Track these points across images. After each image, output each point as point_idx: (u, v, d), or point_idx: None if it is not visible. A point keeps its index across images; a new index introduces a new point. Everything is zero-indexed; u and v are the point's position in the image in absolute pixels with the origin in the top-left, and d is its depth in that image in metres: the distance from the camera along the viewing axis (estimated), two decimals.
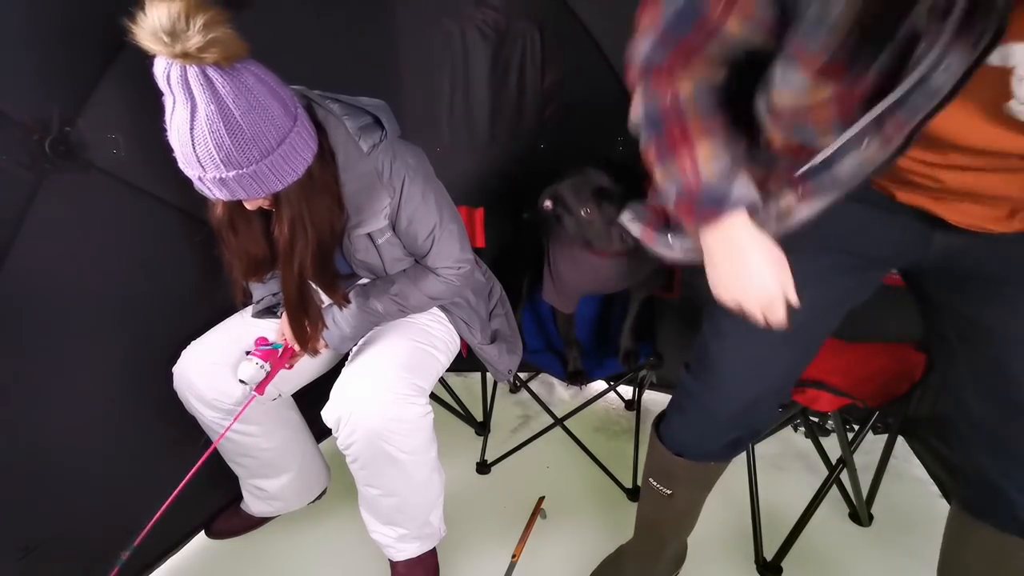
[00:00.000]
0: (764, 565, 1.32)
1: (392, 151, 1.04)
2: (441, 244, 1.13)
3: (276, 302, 1.22)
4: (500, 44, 1.62)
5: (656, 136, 0.68)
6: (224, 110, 0.79)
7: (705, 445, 0.95)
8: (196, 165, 0.83)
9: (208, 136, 0.80)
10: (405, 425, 1.07)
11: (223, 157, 0.81)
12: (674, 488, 1.00)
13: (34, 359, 1.02)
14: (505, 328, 1.39)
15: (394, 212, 1.07)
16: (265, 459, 1.29)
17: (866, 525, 1.45)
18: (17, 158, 0.94)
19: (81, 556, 1.14)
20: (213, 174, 0.83)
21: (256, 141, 0.83)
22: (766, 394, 0.90)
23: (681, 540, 1.20)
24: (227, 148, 0.81)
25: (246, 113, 0.81)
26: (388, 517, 1.17)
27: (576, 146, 1.74)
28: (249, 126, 0.81)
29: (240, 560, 1.36)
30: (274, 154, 0.85)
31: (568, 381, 1.50)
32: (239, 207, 0.98)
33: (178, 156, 0.84)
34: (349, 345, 1.18)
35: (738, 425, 0.93)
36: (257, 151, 0.83)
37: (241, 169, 0.83)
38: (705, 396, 0.91)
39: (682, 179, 0.67)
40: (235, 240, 1.04)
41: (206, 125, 0.79)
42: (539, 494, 1.48)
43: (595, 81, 1.64)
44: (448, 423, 1.78)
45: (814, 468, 1.63)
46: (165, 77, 0.78)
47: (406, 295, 1.16)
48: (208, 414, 1.18)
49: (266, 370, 1.12)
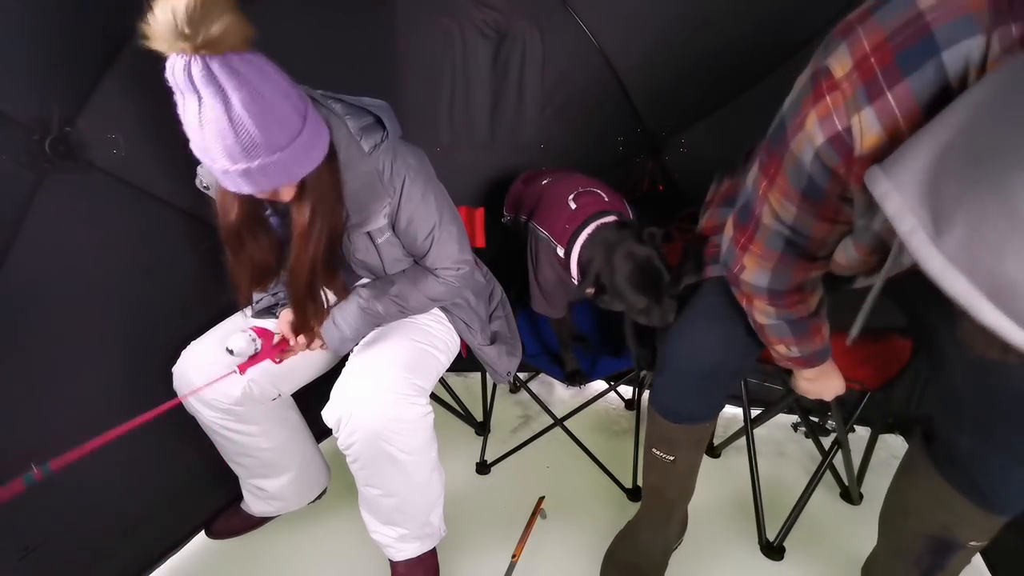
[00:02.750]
0: (767, 546, 1.37)
1: (393, 151, 1.04)
2: (440, 245, 1.13)
3: (276, 302, 1.22)
4: (500, 44, 1.62)
5: (801, 333, 0.92)
6: (255, 95, 0.78)
7: (689, 406, 1.08)
8: (240, 155, 0.80)
9: (248, 122, 0.78)
10: (405, 425, 1.07)
11: (264, 140, 0.80)
12: (675, 453, 1.13)
13: (34, 359, 1.02)
14: (505, 330, 1.39)
15: (394, 212, 1.08)
16: (265, 459, 1.29)
17: (857, 504, 1.53)
18: (17, 158, 0.94)
19: (81, 556, 1.14)
20: (257, 162, 0.81)
21: (286, 123, 0.83)
22: (730, 359, 1.04)
23: (684, 505, 1.30)
24: (266, 131, 0.80)
25: (274, 96, 0.80)
26: (388, 517, 1.17)
27: (576, 146, 1.75)
28: (279, 108, 0.81)
29: (240, 560, 1.36)
30: (301, 135, 0.85)
31: (567, 382, 1.50)
32: (253, 214, 0.98)
33: (210, 152, 0.81)
34: (349, 346, 1.18)
35: (711, 382, 1.06)
36: (287, 133, 0.83)
37: (278, 153, 0.82)
38: (679, 357, 1.05)
39: (811, 349, 0.96)
40: (243, 250, 1.02)
41: (244, 113, 0.77)
42: (539, 494, 1.48)
43: (595, 81, 1.64)
44: (448, 423, 1.78)
45: (808, 452, 1.73)
46: (186, 75, 0.74)
47: (406, 296, 1.16)
48: (207, 414, 1.18)
49: (256, 347, 1.07)
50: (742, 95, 1.52)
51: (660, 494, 1.24)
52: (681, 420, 1.09)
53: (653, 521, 1.27)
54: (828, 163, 0.64)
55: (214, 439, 1.25)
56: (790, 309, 0.87)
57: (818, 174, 0.66)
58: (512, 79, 1.66)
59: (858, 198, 0.66)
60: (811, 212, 0.72)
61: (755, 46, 1.44)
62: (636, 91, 1.64)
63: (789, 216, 0.74)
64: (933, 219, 0.43)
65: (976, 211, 0.40)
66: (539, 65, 1.64)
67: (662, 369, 1.09)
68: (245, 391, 1.16)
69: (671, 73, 1.57)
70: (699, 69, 1.52)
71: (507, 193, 1.63)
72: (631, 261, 1.17)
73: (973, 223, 0.40)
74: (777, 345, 0.96)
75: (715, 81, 1.54)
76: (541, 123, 1.72)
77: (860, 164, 0.60)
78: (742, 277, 0.87)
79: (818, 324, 0.92)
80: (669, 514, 1.25)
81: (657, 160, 1.73)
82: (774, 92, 0.95)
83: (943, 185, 0.43)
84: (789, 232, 0.76)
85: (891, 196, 0.47)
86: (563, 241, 1.31)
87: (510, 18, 1.59)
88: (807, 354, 0.97)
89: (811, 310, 0.89)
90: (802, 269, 0.81)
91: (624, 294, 1.18)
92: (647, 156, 1.73)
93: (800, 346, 0.94)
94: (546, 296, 1.44)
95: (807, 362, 0.99)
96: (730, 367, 1.06)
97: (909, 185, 0.46)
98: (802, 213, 0.73)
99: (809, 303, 0.88)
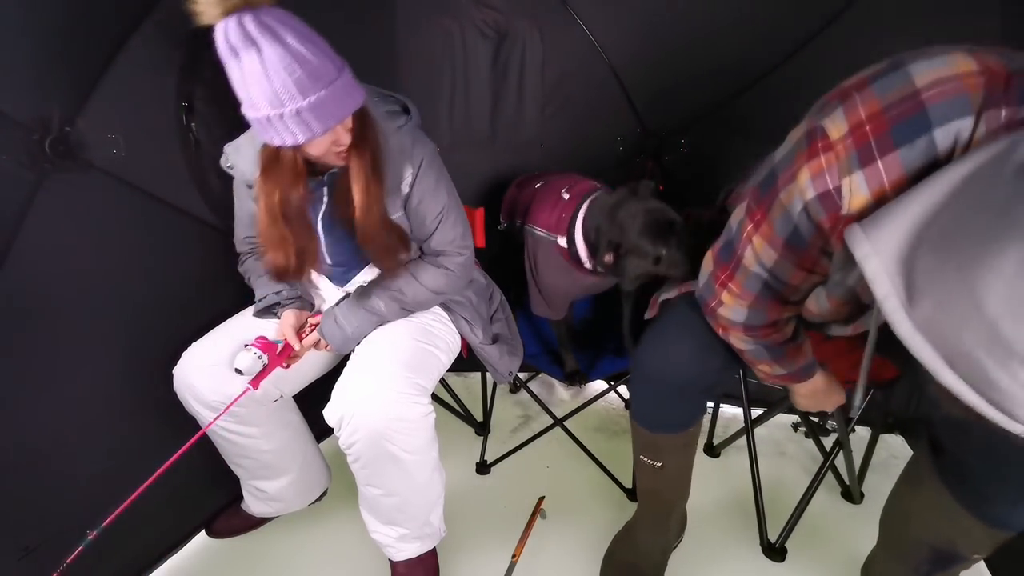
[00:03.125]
0: (769, 547, 1.37)
1: (414, 135, 1.12)
2: (446, 227, 1.18)
3: (278, 300, 1.22)
4: (500, 44, 1.62)
5: (778, 356, 0.94)
6: (301, 33, 0.86)
7: (667, 415, 1.07)
8: (309, 86, 0.86)
9: (306, 53, 0.85)
10: (407, 424, 1.07)
11: (323, 69, 0.87)
12: (663, 459, 1.12)
13: (34, 359, 1.02)
14: (506, 331, 1.40)
15: (411, 186, 1.12)
16: (265, 461, 1.29)
17: (858, 503, 1.53)
18: (17, 158, 0.94)
19: (81, 556, 1.14)
20: (324, 92, 0.87)
21: (332, 56, 0.90)
22: (706, 373, 1.03)
23: (682, 505, 1.30)
24: (321, 60, 0.87)
25: (313, 32, 0.88)
26: (389, 517, 1.18)
27: (576, 146, 1.75)
28: (321, 42, 0.89)
29: (240, 560, 1.36)
30: (344, 71, 0.92)
31: (567, 382, 1.50)
32: (294, 190, 1.02)
33: (279, 96, 0.85)
34: (351, 345, 1.18)
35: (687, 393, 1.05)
36: (335, 64, 0.90)
37: (336, 82, 0.89)
38: (652, 368, 1.03)
39: (796, 366, 0.97)
40: (283, 232, 1.06)
41: (300, 47, 0.84)
42: (539, 494, 1.48)
43: (595, 81, 1.64)
44: (448, 423, 1.78)
45: (809, 452, 1.73)
46: (241, 32, 0.81)
47: (405, 291, 1.17)
48: (208, 415, 1.17)
49: (263, 362, 1.11)
50: (742, 95, 1.52)
51: (655, 497, 1.24)
52: (661, 429, 1.09)
53: (651, 522, 1.27)
54: (815, 217, 0.67)
55: (215, 440, 1.24)
56: (765, 339, 0.90)
57: (804, 226, 0.70)
58: (512, 79, 1.66)
59: (838, 254, 0.70)
60: (791, 260, 0.76)
61: (755, 46, 1.44)
62: (636, 91, 1.64)
63: (769, 261, 0.78)
64: (907, 287, 0.47)
65: (943, 290, 0.44)
66: (539, 65, 1.64)
67: (636, 380, 1.09)
68: (241, 382, 1.16)
69: (671, 73, 1.57)
70: (699, 69, 1.52)
71: (502, 200, 1.63)
72: (639, 214, 1.15)
73: (940, 299, 0.44)
74: (760, 366, 0.98)
75: (715, 81, 1.54)
76: (541, 123, 1.72)
77: (845, 222, 0.63)
78: (719, 311, 0.90)
79: (796, 347, 0.95)
80: (667, 515, 1.25)
81: (657, 160, 1.73)
82: (774, 92, 0.95)
83: (918, 257, 0.47)
84: (768, 276, 0.80)
85: (870, 259, 0.51)
86: (562, 230, 1.29)
87: (510, 18, 1.59)
88: (792, 371, 0.97)
89: (787, 337, 0.92)
90: (776, 310, 0.86)
91: (641, 247, 1.15)
92: (647, 156, 1.73)
93: (782, 365, 0.96)
94: (547, 299, 1.44)
95: (794, 377, 1.00)
96: (706, 380, 1.04)
97: (887, 252, 0.49)
98: (782, 260, 0.77)
99: (785, 332, 0.91)
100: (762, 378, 1.03)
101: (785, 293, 0.82)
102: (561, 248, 1.31)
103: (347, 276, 1.27)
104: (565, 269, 1.36)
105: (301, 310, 1.22)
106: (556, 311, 1.46)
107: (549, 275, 1.40)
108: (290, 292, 1.23)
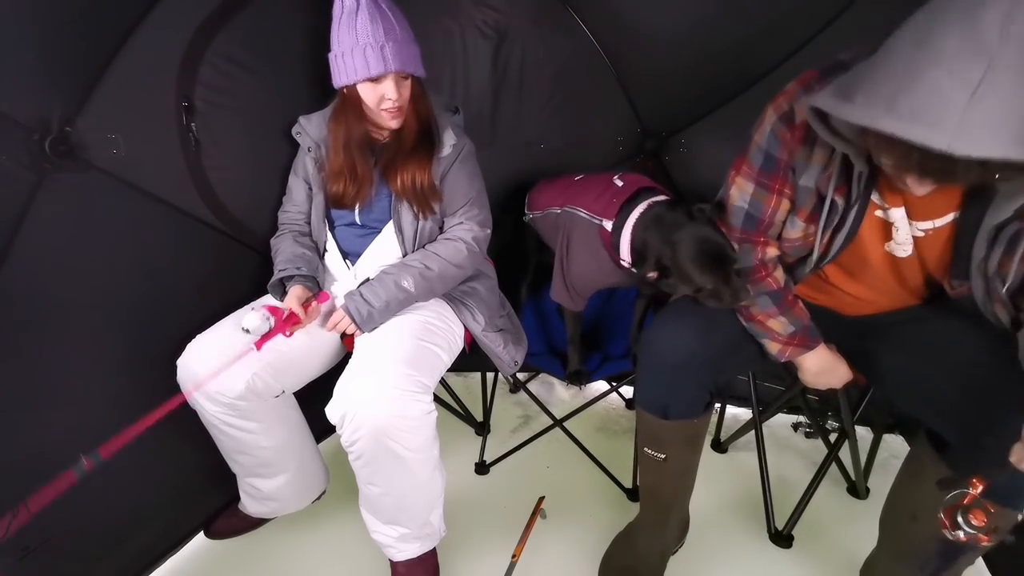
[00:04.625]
0: (776, 534, 1.41)
1: (463, 128, 1.34)
2: (473, 206, 1.33)
3: (294, 273, 1.26)
4: (500, 44, 1.62)
5: (781, 302, 1.06)
6: (392, 9, 1.17)
7: (671, 398, 1.09)
8: (380, 37, 1.14)
9: (394, 8, 1.17)
10: (409, 422, 1.07)
11: (404, 27, 1.18)
12: (666, 451, 1.14)
13: (34, 358, 1.02)
14: (509, 325, 1.42)
15: (450, 165, 1.29)
16: (263, 458, 1.29)
17: (863, 498, 1.56)
18: (17, 158, 0.94)
19: (81, 556, 1.15)
20: (393, 40, 1.15)
21: (409, 31, 1.20)
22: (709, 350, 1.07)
23: (683, 507, 1.32)
24: (401, 22, 1.18)
25: (400, 12, 1.19)
26: (389, 516, 1.18)
27: (576, 146, 1.74)
28: (404, 20, 1.19)
29: (240, 560, 1.36)
30: (417, 46, 1.21)
31: (568, 381, 1.50)
32: (362, 137, 1.26)
33: (373, 36, 1.13)
34: (376, 323, 1.21)
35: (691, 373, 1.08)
36: (411, 37, 1.20)
37: (411, 42, 1.19)
38: (656, 347, 1.09)
39: (801, 323, 1.08)
40: (351, 160, 1.26)
41: (388, 10, 1.16)
42: (539, 494, 1.48)
43: (595, 81, 1.64)
44: (448, 423, 1.77)
45: (812, 452, 1.76)
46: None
47: (431, 265, 1.26)
48: (210, 408, 1.18)
49: (270, 324, 1.12)
50: (742, 95, 1.52)
51: (655, 495, 1.24)
52: (665, 414, 1.09)
53: (650, 524, 1.27)
54: (777, 133, 0.93)
55: (214, 434, 1.24)
56: (761, 283, 1.06)
57: (771, 145, 0.95)
58: (512, 79, 1.66)
59: (800, 156, 0.93)
60: (765, 186, 0.99)
61: (755, 46, 1.44)
62: (636, 91, 1.64)
63: (748, 191, 1.01)
64: (842, 96, 0.71)
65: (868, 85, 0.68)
66: (539, 65, 1.64)
67: (642, 360, 1.12)
68: (249, 385, 1.16)
69: (671, 73, 1.57)
70: (698, 69, 1.52)
71: (529, 193, 1.63)
72: (693, 241, 1.12)
73: (867, 91, 0.67)
74: (770, 322, 1.07)
75: (715, 81, 1.54)
76: (541, 123, 1.71)
77: (800, 129, 0.91)
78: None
79: (792, 297, 1.08)
80: (666, 517, 1.25)
81: (657, 160, 1.73)
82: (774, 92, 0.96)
83: (845, 85, 0.72)
84: (748, 207, 1.02)
85: (814, 100, 0.76)
86: (611, 214, 1.26)
87: (510, 18, 1.58)
88: (799, 328, 1.07)
89: (780, 284, 1.07)
90: (760, 245, 1.05)
91: (691, 275, 1.12)
92: (647, 156, 1.73)
93: (788, 317, 1.06)
94: (571, 285, 1.41)
95: (802, 340, 1.07)
96: (710, 358, 1.06)
97: (825, 93, 0.75)
98: (759, 188, 0.99)
99: (776, 277, 1.07)
100: (776, 352, 1.09)
101: (763, 223, 1.02)
102: (605, 232, 1.29)
103: (366, 241, 1.32)
104: (599, 255, 1.33)
105: (310, 289, 1.25)
106: (576, 301, 1.44)
107: (581, 259, 1.37)
108: (307, 269, 1.28)
